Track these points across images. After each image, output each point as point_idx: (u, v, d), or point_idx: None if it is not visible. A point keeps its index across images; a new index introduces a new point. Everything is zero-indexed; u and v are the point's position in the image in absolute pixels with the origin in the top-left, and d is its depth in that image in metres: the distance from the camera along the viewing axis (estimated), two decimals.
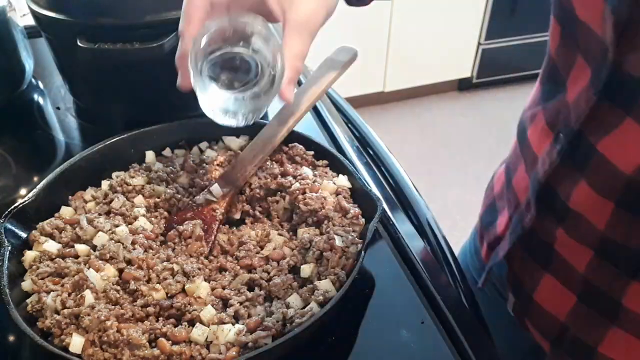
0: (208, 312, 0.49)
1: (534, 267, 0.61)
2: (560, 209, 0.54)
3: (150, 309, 0.49)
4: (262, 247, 0.56)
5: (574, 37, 0.50)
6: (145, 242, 0.56)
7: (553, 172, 0.54)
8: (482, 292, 0.74)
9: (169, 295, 0.51)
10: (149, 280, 0.52)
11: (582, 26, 0.47)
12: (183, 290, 0.52)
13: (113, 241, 0.55)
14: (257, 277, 0.52)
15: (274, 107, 0.81)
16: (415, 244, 0.61)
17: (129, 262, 0.53)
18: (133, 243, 0.55)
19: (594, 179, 0.49)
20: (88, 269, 0.51)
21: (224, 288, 0.52)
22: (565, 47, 0.52)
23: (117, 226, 0.57)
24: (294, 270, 0.54)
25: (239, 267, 0.54)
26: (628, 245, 0.49)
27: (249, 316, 0.49)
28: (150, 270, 0.53)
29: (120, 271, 0.52)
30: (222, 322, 0.48)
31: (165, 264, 0.53)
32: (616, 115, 0.45)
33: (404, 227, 0.63)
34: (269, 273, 0.53)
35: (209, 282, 0.53)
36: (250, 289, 0.52)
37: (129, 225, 0.58)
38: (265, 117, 0.83)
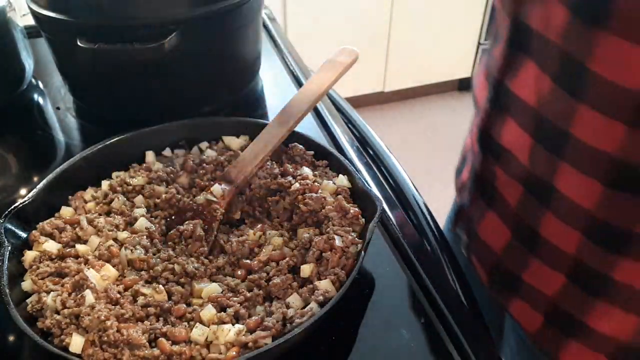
0: (208, 312, 0.49)
1: (481, 205, 0.67)
2: (496, 148, 0.61)
3: (151, 309, 0.49)
4: (260, 247, 0.56)
5: None
6: (146, 242, 0.56)
7: (488, 118, 0.61)
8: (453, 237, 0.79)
9: (170, 295, 0.51)
10: (150, 281, 0.52)
11: None
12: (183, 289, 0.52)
13: (113, 241, 0.55)
14: (256, 278, 0.52)
15: (275, 108, 0.81)
16: (415, 244, 0.61)
17: (130, 263, 0.53)
18: (133, 244, 0.55)
19: (515, 118, 0.56)
20: (88, 268, 0.51)
21: (227, 287, 0.52)
22: (497, 5, 0.59)
23: (117, 226, 0.58)
24: (294, 270, 0.54)
25: (238, 271, 0.54)
26: (549, 180, 0.53)
27: (249, 316, 0.49)
28: (152, 271, 0.53)
29: (124, 267, 0.52)
30: (222, 322, 0.48)
31: (165, 264, 0.53)
32: (521, 59, 0.53)
33: (404, 227, 0.63)
34: (268, 273, 0.53)
35: (211, 283, 0.53)
36: (249, 290, 0.52)
37: (130, 226, 0.58)
38: (265, 117, 0.83)
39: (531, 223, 0.58)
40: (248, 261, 0.54)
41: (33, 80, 0.92)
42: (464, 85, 3.00)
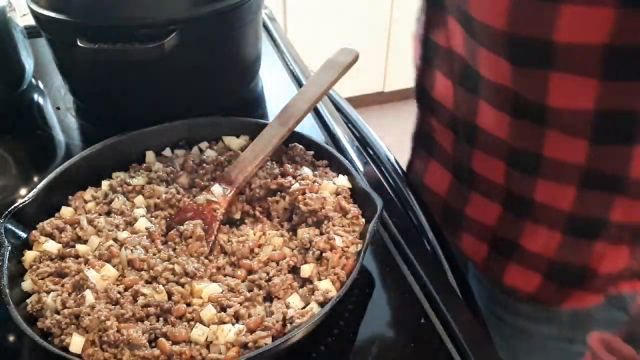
0: (208, 312, 0.49)
1: (425, 158, 0.77)
2: (429, 102, 0.71)
3: (151, 309, 0.49)
4: (260, 247, 0.56)
5: None
6: (146, 242, 0.56)
7: (421, 74, 0.72)
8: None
9: (170, 295, 0.51)
10: (150, 281, 0.52)
11: None
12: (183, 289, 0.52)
13: (113, 241, 0.55)
14: (256, 278, 0.52)
15: (275, 108, 0.81)
16: (415, 244, 0.61)
17: (130, 263, 0.53)
18: (133, 245, 0.55)
19: (441, 69, 0.65)
20: (88, 268, 0.51)
21: (227, 287, 0.52)
22: None
23: (117, 226, 0.58)
24: (294, 270, 0.54)
25: (238, 271, 0.54)
26: (472, 120, 0.62)
27: (249, 316, 0.49)
28: (152, 271, 0.53)
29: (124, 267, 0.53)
30: (222, 322, 0.48)
31: (165, 264, 0.53)
32: (441, 14, 0.61)
33: (404, 227, 0.63)
34: (268, 273, 0.53)
35: (211, 283, 0.53)
36: (250, 290, 0.52)
37: (130, 226, 0.58)
38: (265, 117, 0.83)
39: (465, 162, 0.67)
40: (248, 261, 0.54)
41: (33, 80, 0.92)
42: None
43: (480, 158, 0.64)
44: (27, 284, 0.51)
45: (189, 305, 0.50)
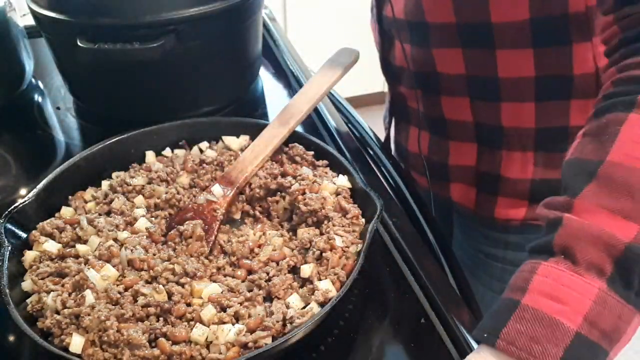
0: (208, 312, 0.48)
1: (403, 127, 0.84)
2: (393, 71, 0.79)
3: (151, 309, 0.49)
4: (260, 247, 0.56)
5: None
6: (146, 242, 0.56)
7: (382, 48, 0.80)
8: None
9: (170, 295, 0.51)
10: (150, 281, 0.52)
11: None
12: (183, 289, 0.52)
13: (114, 241, 0.55)
14: (256, 278, 0.52)
15: (275, 108, 0.81)
16: (415, 244, 0.61)
17: (130, 263, 0.53)
18: (133, 245, 0.55)
19: (396, 35, 0.73)
20: (88, 269, 0.51)
21: (227, 288, 0.52)
22: None
23: (117, 226, 0.58)
24: (294, 270, 0.54)
25: (238, 271, 0.54)
26: (429, 70, 0.69)
27: (249, 316, 0.49)
28: (152, 271, 0.53)
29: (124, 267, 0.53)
30: (222, 322, 0.48)
31: (166, 264, 0.53)
32: None
33: (404, 227, 0.63)
34: (268, 273, 0.53)
35: (211, 283, 0.53)
36: (249, 290, 0.52)
37: (130, 226, 0.58)
38: (265, 117, 0.83)
39: (434, 113, 0.73)
40: (248, 261, 0.54)
41: (33, 80, 0.92)
42: None
43: (447, 102, 0.71)
44: (27, 284, 0.51)
45: (189, 305, 0.50)
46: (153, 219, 0.59)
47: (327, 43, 2.52)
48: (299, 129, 0.66)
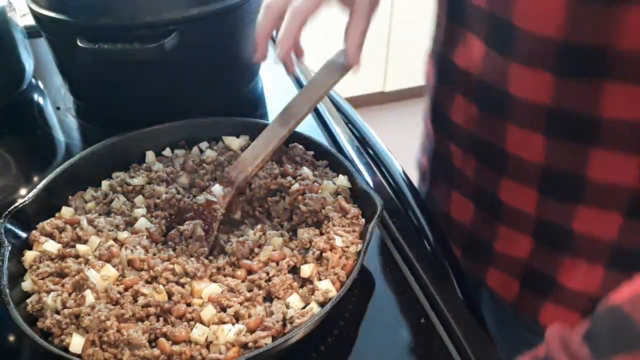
0: (208, 312, 0.49)
1: (445, 185, 0.69)
2: (448, 125, 0.63)
3: (151, 309, 0.49)
4: (260, 247, 0.56)
5: None
6: (146, 242, 0.56)
7: (437, 95, 0.64)
8: None
9: (170, 295, 0.51)
10: (150, 281, 0.52)
11: None
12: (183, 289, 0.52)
13: (114, 241, 0.55)
14: (256, 278, 0.52)
15: (275, 108, 0.81)
16: (415, 244, 0.61)
17: (130, 263, 0.53)
18: (134, 245, 0.55)
19: (460, 90, 0.58)
20: (89, 269, 0.51)
21: (227, 288, 0.52)
22: None
23: (117, 226, 0.58)
24: (294, 270, 0.54)
25: (238, 272, 0.54)
26: (498, 144, 0.56)
27: (249, 316, 0.49)
28: (152, 271, 0.53)
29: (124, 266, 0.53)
30: (222, 322, 0.48)
31: (166, 264, 0.53)
32: (460, 31, 0.55)
33: (404, 227, 0.63)
34: (268, 273, 0.53)
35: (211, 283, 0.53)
36: (249, 290, 0.52)
37: (130, 226, 0.58)
38: (265, 117, 0.83)
39: (491, 190, 0.60)
40: (248, 262, 0.54)
41: (33, 80, 0.92)
42: None
43: (508, 186, 0.57)
44: (27, 284, 0.51)
45: (189, 305, 0.50)
46: (153, 219, 0.59)
47: (327, 43, 2.52)
48: (299, 128, 0.66)
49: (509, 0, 0.47)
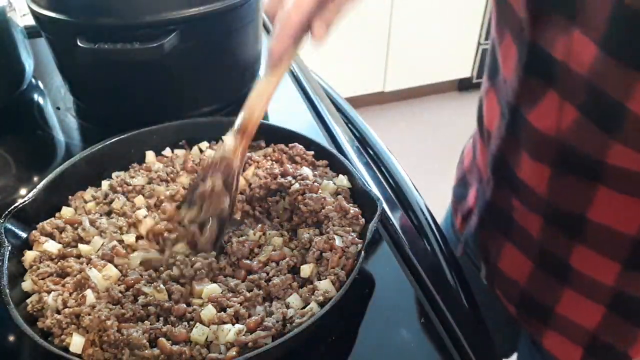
0: (208, 312, 0.49)
1: (498, 237, 0.65)
2: (512, 179, 0.58)
3: (151, 309, 0.49)
4: (260, 247, 0.56)
5: (504, 14, 0.54)
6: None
7: (503, 145, 0.58)
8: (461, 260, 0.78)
9: (170, 294, 0.51)
10: (151, 281, 0.52)
11: (508, 5, 0.52)
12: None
13: (118, 242, 0.55)
14: (255, 278, 0.52)
15: (275, 108, 0.81)
16: (415, 244, 0.61)
17: (143, 263, 0.53)
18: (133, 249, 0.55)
19: (531, 149, 0.53)
20: (90, 268, 0.51)
21: (228, 288, 0.52)
22: (499, 25, 0.56)
23: (121, 228, 0.58)
24: (294, 270, 0.54)
25: (238, 272, 0.54)
26: (568, 210, 0.52)
27: (249, 316, 0.49)
28: (153, 271, 0.53)
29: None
30: (222, 322, 0.48)
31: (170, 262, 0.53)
32: (540, 87, 0.49)
33: (404, 227, 0.63)
34: (268, 273, 0.53)
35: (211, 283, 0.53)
36: (249, 290, 0.52)
37: (134, 228, 0.58)
38: (265, 117, 0.83)
39: (559, 255, 0.55)
40: (248, 262, 0.54)
41: (33, 80, 0.92)
42: (464, 85, 3.00)
43: (586, 255, 0.53)
44: (27, 284, 0.51)
45: (189, 305, 0.50)
46: (156, 215, 0.60)
47: (327, 43, 2.52)
48: (299, 129, 0.66)
49: (623, 83, 0.41)
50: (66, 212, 0.60)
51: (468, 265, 0.76)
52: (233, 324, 0.48)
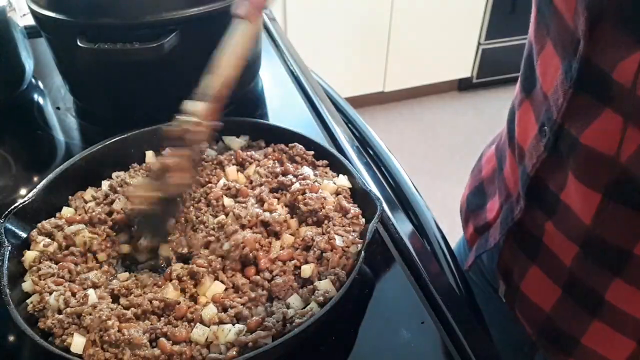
0: (209, 312, 0.49)
1: (522, 258, 0.61)
2: (550, 202, 0.54)
3: (155, 303, 0.49)
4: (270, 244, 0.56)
5: (546, 22, 0.50)
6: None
7: (541, 166, 0.53)
8: (469, 278, 0.74)
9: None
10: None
11: (556, 14, 0.47)
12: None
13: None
14: (259, 279, 0.52)
15: (275, 108, 0.81)
16: (415, 244, 0.61)
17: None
18: None
19: (581, 172, 0.49)
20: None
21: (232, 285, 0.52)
22: (538, 32, 0.52)
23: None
24: (295, 269, 0.54)
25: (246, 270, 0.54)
26: (613, 242, 0.48)
27: (251, 316, 0.49)
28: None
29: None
30: (222, 322, 0.48)
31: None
32: (594, 106, 0.45)
33: (404, 227, 0.63)
34: (272, 272, 0.53)
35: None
36: (253, 290, 0.52)
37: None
38: (265, 117, 0.83)
39: (593, 286, 0.52)
40: (261, 254, 0.54)
41: (33, 80, 0.92)
42: (464, 85, 3.00)
43: (623, 289, 0.50)
44: (27, 285, 0.51)
45: (194, 301, 0.50)
46: None
47: (327, 43, 2.52)
48: (299, 129, 0.66)
49: None
50: (66, 212, 0.60)
51: (481, 281, 0.74)
52: (233, 324, 0.48)
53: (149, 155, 0.67)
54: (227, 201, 0.60)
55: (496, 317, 0.67)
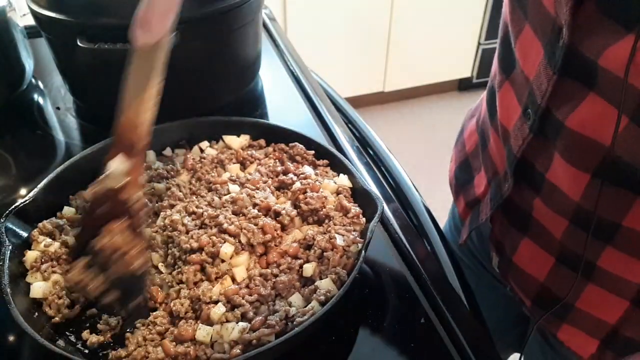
0: (218, 311, 0.49)
1: (513, 232, 0.62)
2: (537, 180, 0.54)
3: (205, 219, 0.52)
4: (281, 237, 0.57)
5: (523, 5, 0.50)
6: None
7: (527, 146, 0.53)
8: (463, 252, 0.77)
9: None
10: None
11: (534, 0, 0.47)
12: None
13: None
14: (268, 273, 0.52)
15: (275, 108, 0.81)
16: (415, 244, 0.61)
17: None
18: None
19: (568, 154, 0.49)
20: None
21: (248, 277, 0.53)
22: (515, 14, 0.52)
23: None
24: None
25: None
26: (602, 216, 0.49)
27: (255, 314, 0.49)
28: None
29: None
30: (227, 321, 0.48)
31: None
32: (579, 91, 0.45)
33: (404, 227, 0.63)
34: (279, 267, 0.53)
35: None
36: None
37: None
38: (265, 117, 0.83)
39: (586, 255, 0.53)
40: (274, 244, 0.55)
41: (33, 80, 0.92)
42: (464, 85, 3.00)
43: (615, 257, 0.51)
44: (37, 291, 0.51)
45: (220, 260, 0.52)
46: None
47: (327, 43, 2.52)
48: (299, 129, 0.66)
49: None
50: (67, 211, 0.60)
51: (470, 258, 0.76)
52: (237, 322, 0.48)
53: (149, 154, 0.67)
54: (233, 187, 0.60)
55: (489, 296, 0.67)
